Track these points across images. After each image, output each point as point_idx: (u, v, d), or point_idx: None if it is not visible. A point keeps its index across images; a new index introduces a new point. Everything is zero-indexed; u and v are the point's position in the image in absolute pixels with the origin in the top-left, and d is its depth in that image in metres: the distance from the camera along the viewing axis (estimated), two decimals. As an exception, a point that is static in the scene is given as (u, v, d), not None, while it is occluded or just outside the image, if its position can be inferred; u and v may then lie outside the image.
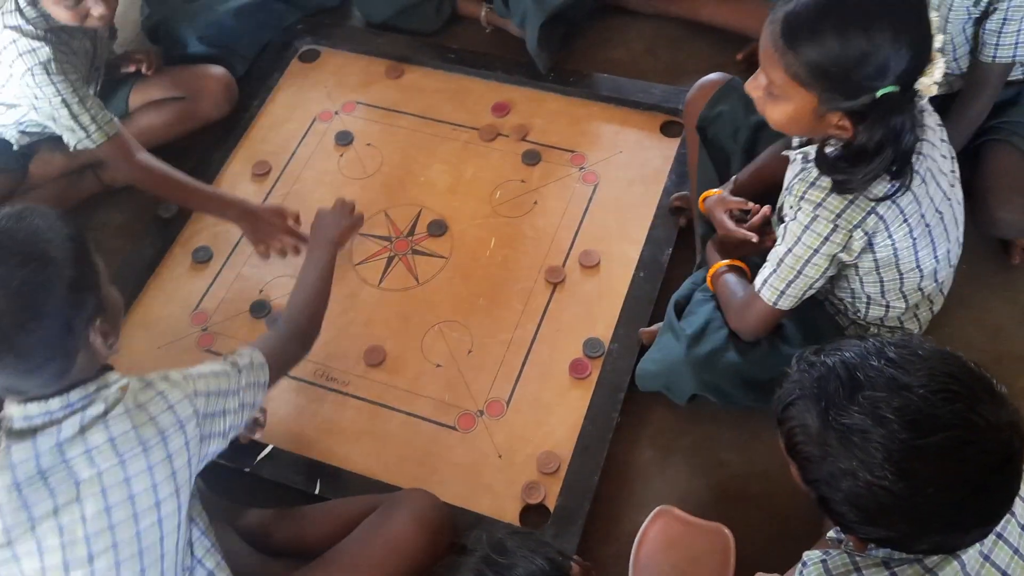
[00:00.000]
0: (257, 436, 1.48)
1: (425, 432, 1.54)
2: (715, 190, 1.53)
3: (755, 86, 1.19)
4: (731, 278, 1.44)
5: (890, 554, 0.91)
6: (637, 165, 1.81)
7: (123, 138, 1.67)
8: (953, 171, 1.27)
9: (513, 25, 2.00)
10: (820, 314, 1.43)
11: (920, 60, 1.09)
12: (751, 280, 1.43)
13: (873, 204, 1.18)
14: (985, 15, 1.47)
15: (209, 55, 1.98)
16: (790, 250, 1.26)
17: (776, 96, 1.16)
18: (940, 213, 1.25)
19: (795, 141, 1.32)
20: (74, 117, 1.60)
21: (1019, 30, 1.46)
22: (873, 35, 1.06)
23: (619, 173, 1.81)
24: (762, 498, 1.44)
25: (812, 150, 1.21)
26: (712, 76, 1.63)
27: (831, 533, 1.03)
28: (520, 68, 1.96)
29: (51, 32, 1.60)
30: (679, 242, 1.68)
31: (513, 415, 1.54)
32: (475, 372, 1.59)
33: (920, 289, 1.33)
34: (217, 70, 1.93)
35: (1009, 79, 1.56)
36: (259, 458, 1.51)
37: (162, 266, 1.78)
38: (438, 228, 1.77)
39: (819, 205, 1.20)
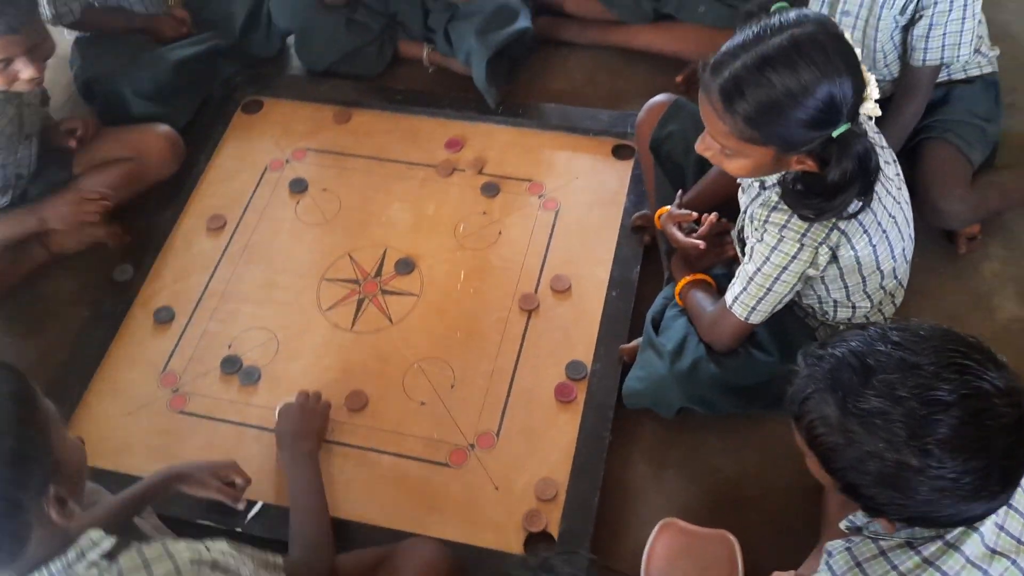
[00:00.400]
0: (240, 506, 1.43)
1: (417, 472, 1.52)
2: (667, 207, 1.57)
3: (706, 147, 1.24)
4: (698, 293, 1.48)
5: (912, 533, 0.94)
6: (594, 189, 1.85)
7: None
8: (898, 174, 1.34)
9: (457, 63, 2.04)
10: (790, 319, 1.48)
11: (858, 88, 1.13)
12: (717, 292, 1.48)
13: (835, 221, 1.23)
14: (912, 22, 1.57)
15: (148, 112, 1.94)
16: (759, 269, 1.30)
17: (732, 154, 1.21)
18: (893, 217, 1.31)
19: None
20: None
21: (945, 33, 1.56)
22: (810, 87, 1.09)
23: (578, 198, 1.84)
24: (758, 499, 1.47)
25: (769, 179, 1.26)
26: (659, 98, 1.69)
27: (844, 523, 1.06)
28: (468, 104, 1.99)
29: None
30: (646, 259, 1.72)
31: (504, 445, 1.53)
32: (461, 406, 1.58)
33: (882, 287, 1.40)
34: (162, 128, 1.88)
35: (938, 81, 1.66)
36: (250, 516, 1.46)
37: (123, 329, 1.72)
38: (405, 266, 1.76)
39: (784, 227, 1.25)
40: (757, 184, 1.31)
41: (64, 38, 1.97)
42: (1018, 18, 2.09)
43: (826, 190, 1.15)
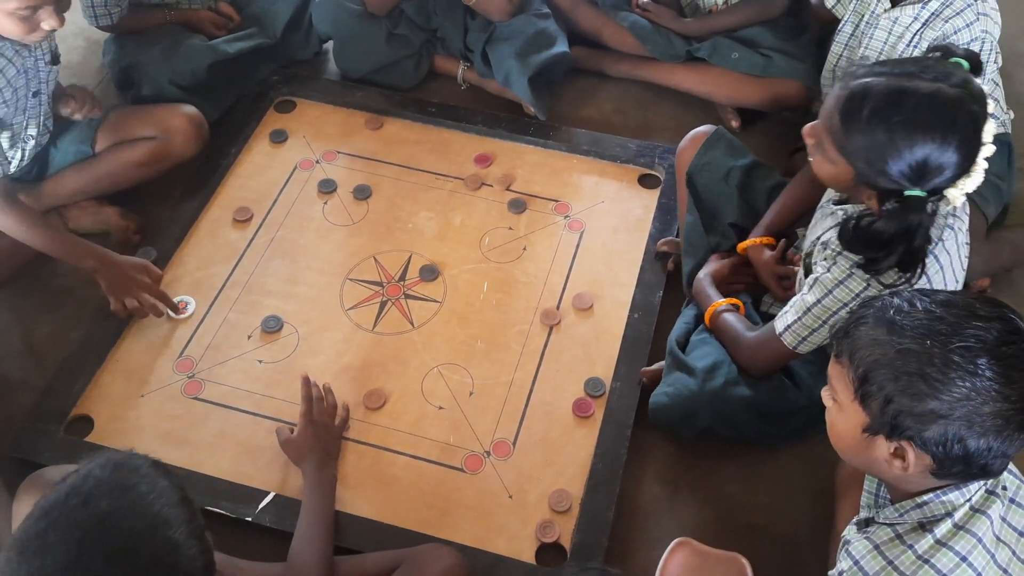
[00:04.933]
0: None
1: (432, 475, 1.51)
2: (755, 240, 1.59)
3: (811, 133, 1.28)
4: (731, 317, 1.51)
5: (923, 514, 1.00)
6: (620, 214, 1.88)
7: (6, 184, 1.61)
8: (967, 243, 1.36)
9: (492, 84, 2.07)
10: (822, 351, 1.51)
11: (959, 171, 1.16)
12: (744, 315, 1.51)
13: (909, 274, 1.24)
14: None
15: (181, 99, 1.95)
16: (819, 301, 1.32)
17: (824, 154, 1.25)
18: (957, 281, 1.34)
19: (834, 194, 1.40)
20: None
21: None
22: (920, 142, 1.12)
23: (604, 221, 1.87)
24: (769, 528, 1.48)
25: (851, 209, 1.30)
26: (701, 128, 1.73)
27: (852, 524, 1.09)
28: (500, 122, 2.02)
29: None
30: (668, 286, 1.74)
31: (521, 455, 1.53)
32: (478, 414, 1.58)
33: None
34: (187, 108, 1.87)
35: None
36: (261, 506, 1.45)
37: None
38: (430, 273, 1.78)
39: (857, 264, 1.27)
40: (841, 212, 1.33)
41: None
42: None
43: (868, 237, 1.19)
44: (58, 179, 1.82)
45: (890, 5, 1.67)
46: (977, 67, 1.19)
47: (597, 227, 1.86)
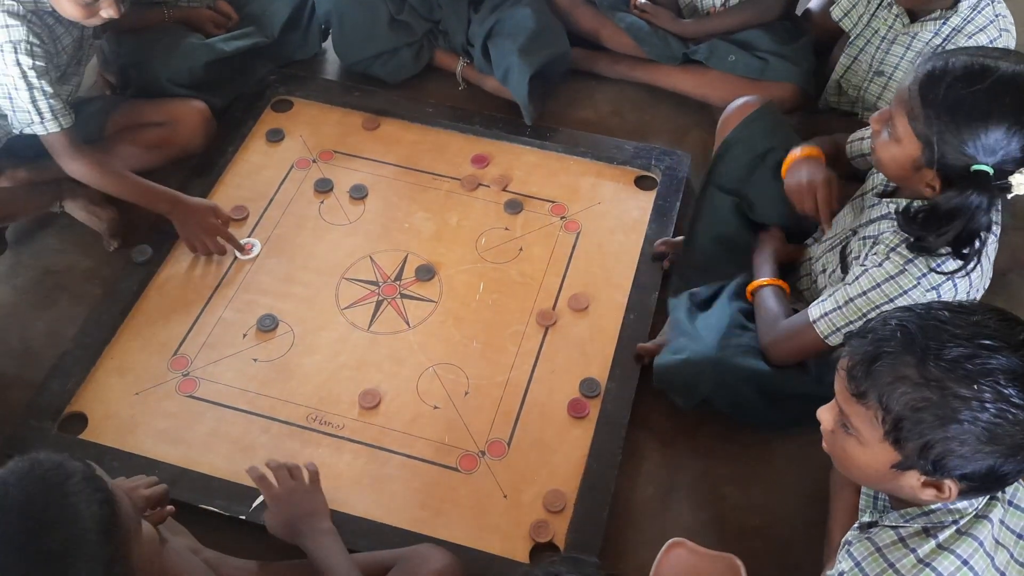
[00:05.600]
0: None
1: (426, 474, 1.51)
2: (809, 148, 1.55)
3: (879, 119, 1.30)
4: (773, 297, 1.51)
5: (929, 520, 0.99)
6: (616, 215, 1.88)
7: (73, 133, 1.68)
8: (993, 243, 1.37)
9: (489, 82, 2.07)
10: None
11: (1022, 157, 1.18)
12: (788, 297, 1.50)
13: (953, 271, 1.26)
14: None
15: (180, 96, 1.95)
16: (864, 294, 1.32)
17: (892, 134, 1.25)
18: (985, 285, 1.36)
19: (873, 185, 1.41)
20: (33, 101, 1.60)
21: None
22: (996, 118, 1.14)
23: (600, 222, 1.87)
24: (763, 529, 1.48)
25: (903, 203, 1.30)
26: (749, 98, 1.72)
27: (855, 528, 1.09)
28: (497, 123, 2.03)
29: (35, 15, 1.59)
30: (664, 288, 1.74)
31: (515, 455, 1.53)
32: (474, 413, 1.58)
33: None
34: (195, 101, 1.92)
35: None
36: (254, 505, 1.44)
37: (136, 310, 1.71)
38: (426, 273, 1.78)
39: (910, 261, 1.28)
40: (891, 203, 1.34)
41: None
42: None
43: (926, 214, 1.20)
44: None
45: (909, 21, 1.68)
46: None
47: (593, 228, 1.86)
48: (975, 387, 0.90)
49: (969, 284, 1.29)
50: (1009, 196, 1.22)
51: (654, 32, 2.07)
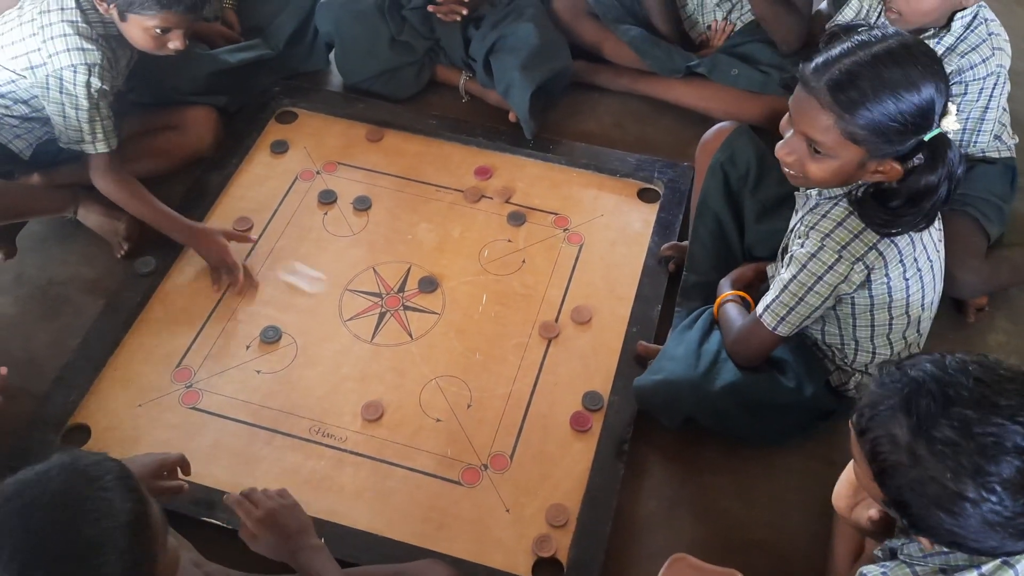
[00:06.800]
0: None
1: (429, 487, 1.51)
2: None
3: (789, 151, 1.28)
4: (733, 307, 1.53)
5: (948, 560, 0.97)
6: (619, 228, 1.89)
7: (116, 154, 1.73)
8: (940, 228, 1.39)
9: (492, 95, 2.08)
10: (811, 355, 1.52)
11: (945, 99, 1.20)
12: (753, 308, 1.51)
13: (875, 241, 1.28)
14: None
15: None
16: (794, 277, 1.34)
17: (821, 155, 1.25)
18: (931, 261, 1.36)
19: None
20: (91, 121, 1.66)
21: (968, 119, 1.65)
22: (917, 85, 1.17)
23: (603, 235, 1.87)
24: (766, 544, 1.48)
25: (829, 191, 1.31)
26: (725, 123, 1.72)
27: (878, 551, 1.08)
28: (500, 135, 2.03)
29: (104, 39, 1.66)
30: (667, 300, 1.75)
31: (518, 468, 1.53)
32: (476, 426, 1.58)
33: (904, 337, 1.44)
34: (202, 107, 1.95)
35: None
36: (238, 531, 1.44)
37: (140, 321, 1.71)
38: (429, 284, 1.78)
39: (827, 236, 1.30)
40: (815, 194, 1.35)
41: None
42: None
43: (915, 194, 1.20)
44: (78, 164, 1.83)
45: None
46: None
47: (596, 240, 1.86)
48: (946, 468, 0.88)
49: (898, 252, 1.30)
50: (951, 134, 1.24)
51: (656, 44, 2.08)
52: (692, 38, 2.17)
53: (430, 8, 2.04)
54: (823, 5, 2.12)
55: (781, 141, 1.30)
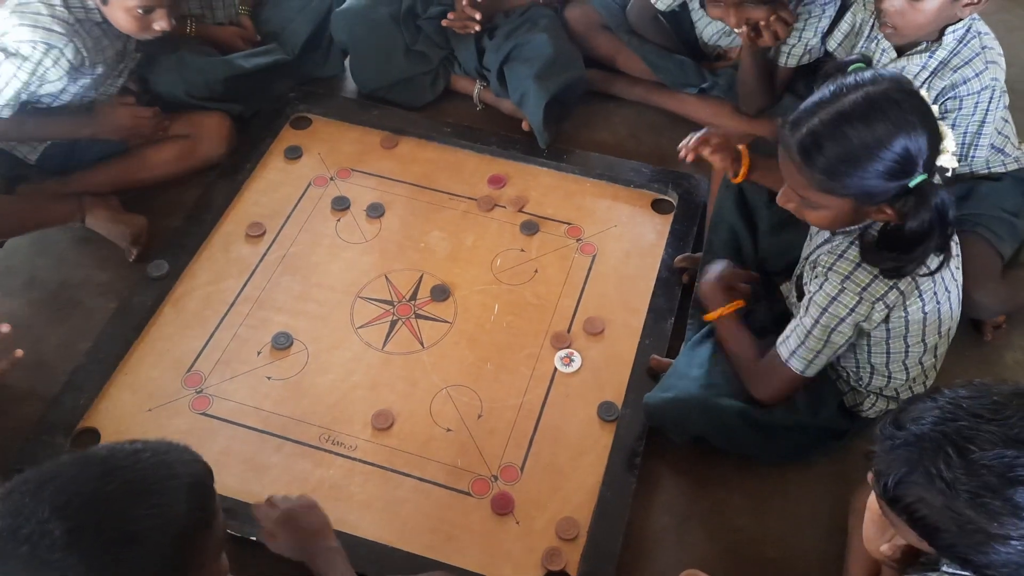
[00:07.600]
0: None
1: (438, 498, 1.50)
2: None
3: (787, 199, 1.29)
4: (736, 328, 1.51)
5: None
6: (632, 239, 1.88)
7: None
8: (957, 255, 1.37)
9: (506, 104, 2.08)
10: (824, 376, 1.50)
11: (934, 141, 1.18)
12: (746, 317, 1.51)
13: (895, 281, 1.26)
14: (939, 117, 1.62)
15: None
16: (817, 321, 1.33)
17: (813, 205, 1.25)
18: (948, 292, 1.34)
19: None
20: (5, 81, 1.61)
21: (965, 132, 1.63)
22: (885, 141, 1.15)
23: (616, 245, 1.86)
24: (779, 562, 1.46)
25: (853, 235, 1.30)
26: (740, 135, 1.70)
27: (921, 561, 1.06)
28: (514, 143, 2.02)
29: (82, 24, 1.63)
30: (680, 312, 1.73)
31: (528, 480, 1.52)
32: (487, 437, 1.57)
33: (921, 363, 1.42)
34: (217, 114, 1.95)
35: (958, 175, 1.70)
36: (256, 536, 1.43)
37: (151, 325, 1.71)
38: (441, 293, 1.77)
39: (847, 278, 1.29)
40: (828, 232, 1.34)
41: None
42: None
43: (905, 242, 1.19)
44: (90, 170, 1.86)
45: (896, 55, 1.67)
46: (868, 61, 1.26)
47: (609, 251, 1.85)
48: (992, 519, 0.86)
49: (917, 287, 1.28)
50: (949, 173, 1.23)
51: (669, 58, 2.07)
52: (707, 52, 2.16)
53: (444, 23, 2.04)
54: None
55: (781, 189, 1.30)
